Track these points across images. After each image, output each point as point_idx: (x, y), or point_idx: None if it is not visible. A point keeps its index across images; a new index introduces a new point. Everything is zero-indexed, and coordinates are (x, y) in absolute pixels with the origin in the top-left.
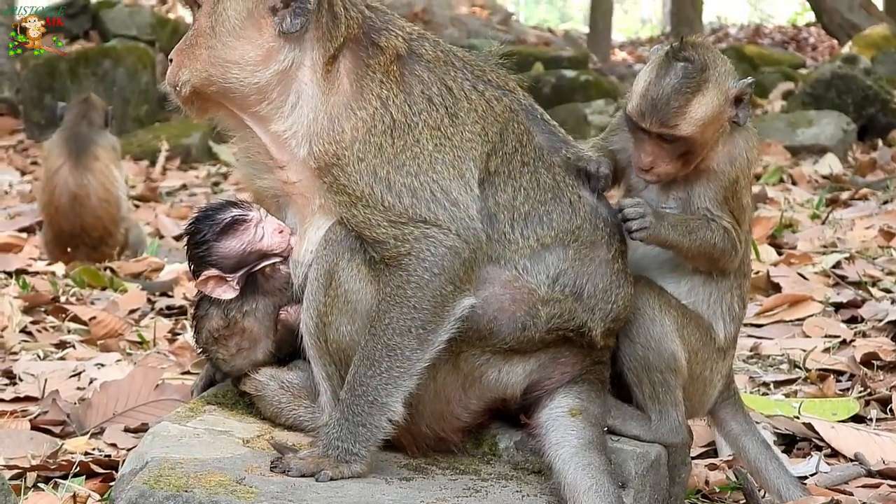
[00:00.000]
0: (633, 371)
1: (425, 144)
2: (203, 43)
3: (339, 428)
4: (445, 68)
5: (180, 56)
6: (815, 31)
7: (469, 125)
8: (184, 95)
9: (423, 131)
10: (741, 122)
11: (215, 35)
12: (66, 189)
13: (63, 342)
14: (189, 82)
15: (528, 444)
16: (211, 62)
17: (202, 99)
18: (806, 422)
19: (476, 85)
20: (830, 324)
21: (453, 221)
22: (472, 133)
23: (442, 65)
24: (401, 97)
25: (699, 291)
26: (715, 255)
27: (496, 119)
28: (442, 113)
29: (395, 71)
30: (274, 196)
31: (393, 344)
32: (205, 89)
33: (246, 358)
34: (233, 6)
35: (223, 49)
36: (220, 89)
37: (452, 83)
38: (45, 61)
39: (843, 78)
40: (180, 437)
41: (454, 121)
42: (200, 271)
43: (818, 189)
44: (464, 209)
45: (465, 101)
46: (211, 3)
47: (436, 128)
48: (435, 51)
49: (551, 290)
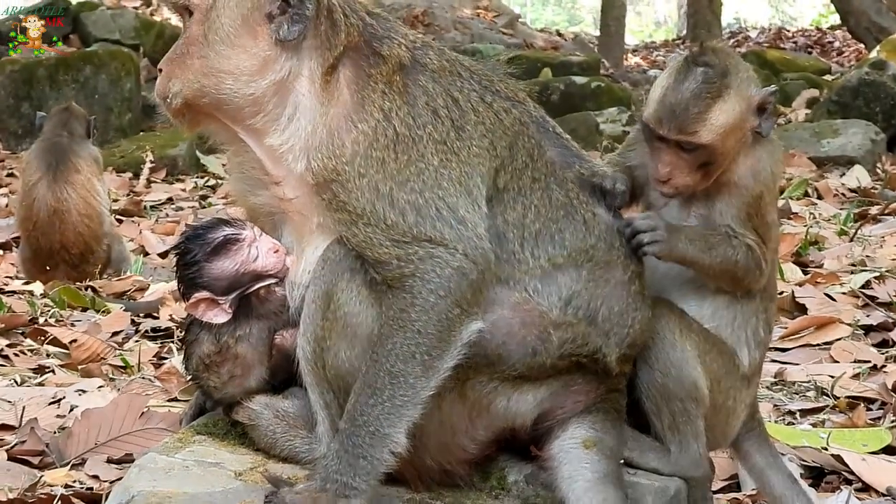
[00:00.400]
0: (651, 399)
1: (430, 159)
2: (195, 52)
3: (338, 460)
4: (451, 78)
5: (171, 66)
6: (841, 35)
7: (476, 139)
8: (175, 107)
9: (427, 145)
10: (764, 132)
11: (208, 44)
12: (45, 203)
13: (42, 367)
14: (180, 94)
15: (539, 478)
16: (203, 72)
17: (194, 111)
18: (835, 453)
19: (483, 96)
20: (860, 348)
21: (460, 241)
22: (480, 147)
23: (447, 75)
24: (404, 109)
25: (722, 315)
26: (738, 274)
27: (505, 132)
28: (448, 126)
29: (399, 81)
30: (269, 213)
31: (396, 371)
32: (197, 101)
33: (239, 385)
34: (227, 13)
35: (216, 58)
36: (212, 101)
37: (459, 94)
38: (22, 67)
39: (871, 85)
40: (168, 469)
41: (461, 134)
42: (191, 294)
43: (845, 203)
44: (471, 228)
45: (472, 114)
46: (203, 10)
47: (441, 142)
48: (440, 60)
49: (563, 313)
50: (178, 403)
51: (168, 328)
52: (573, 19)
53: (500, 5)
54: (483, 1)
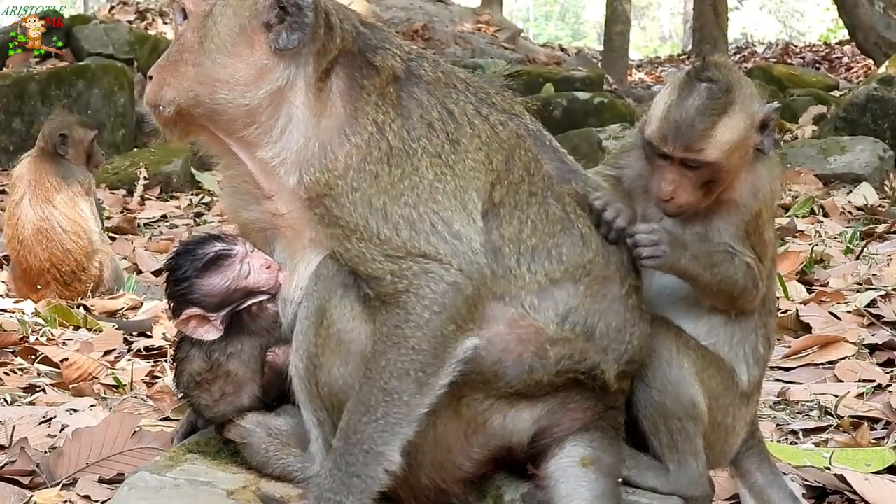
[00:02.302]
0: (648, 418)
1: (425, 173)
2: (189, 59)
3: (332, 479)
4: (446, 90)
5: (162, 73)
6: (849, 51)
7: (472, 152)
8: (166, 116)
9: (422, 159)
10: (766, 150)
11: (204, 51)
12: (29, 221)
13: (32, 386)
14: (174, 102)
15: (536, 497)
16: (198, 80)
17: (186, 121)
18: (837, 473)
19: (479, 109)
20: (864, 367)
21: (455, 256)
22: (476, 161)
23: (443, 87)
24: (398, 122)
25: (720, 332)
26: (735, 293)
27: (501, 146)
28: (443, 139)
29: (392, 93)
30: (261, 229)
31: (390, 388)
32: (191, 110)
33: (230, 403)
34: (223, 21)
35: (212, 66)
36: (206, 111)
37: (454, 106)
38: (13, 82)
39: (880, 101)
40: (159, 488)
41: (456, 147)
42: (181, 310)
43: (852, 221)
44: (466, 243)
45: (468, 126)
46: (199, 16)
47: (436, 155)
48: (435, 72)
49: (561, 328)
50: (171, 422)
51: (161, 347)
52: (577, 34)
53: (502, 20)
54: (484, 16)
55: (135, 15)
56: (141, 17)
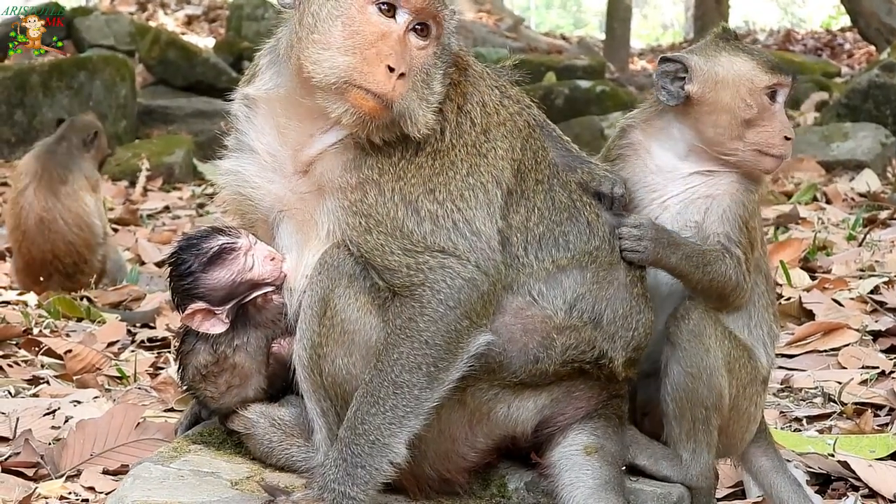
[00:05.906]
0: (676, 402)
1: (459, 167)
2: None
3: (336, 469)
4: (484, 82)
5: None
6: (851, 37)
7: (500, 141)
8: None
9: (459, 152)
10: None
11: (428, 75)
12: (32, 212)
13: (36, 378)
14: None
15: (540, 485)
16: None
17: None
18: (841, 460)
19: (502, 100)
20: (868, 354)
21: (473, 252)
22: (504, 150)
23: (480, 79)
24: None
25: (741, 314)
26: (726, 291)
27: (519, 135)
28: (478, 131)
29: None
30: (269, 209)
31: (400, 381)
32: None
33: (236, 395)
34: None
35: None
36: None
37: (488, 99)
38: (15, 74)
39: (882, 87)
40: (163, 478)
41: (487, 137)
42: (186, 305)
43: (854, 208)
44: (485, 240)
45: (496, 116)
46: (438, 36)
47: (472, 145)
48: (478, 64)
49: (569, 316)
50: (175, 413)
51: (164, 338)
52: (578, 23)
53: (503, 9)
54: (486, 5)
55: (136, 6)
56: (142, 8)
